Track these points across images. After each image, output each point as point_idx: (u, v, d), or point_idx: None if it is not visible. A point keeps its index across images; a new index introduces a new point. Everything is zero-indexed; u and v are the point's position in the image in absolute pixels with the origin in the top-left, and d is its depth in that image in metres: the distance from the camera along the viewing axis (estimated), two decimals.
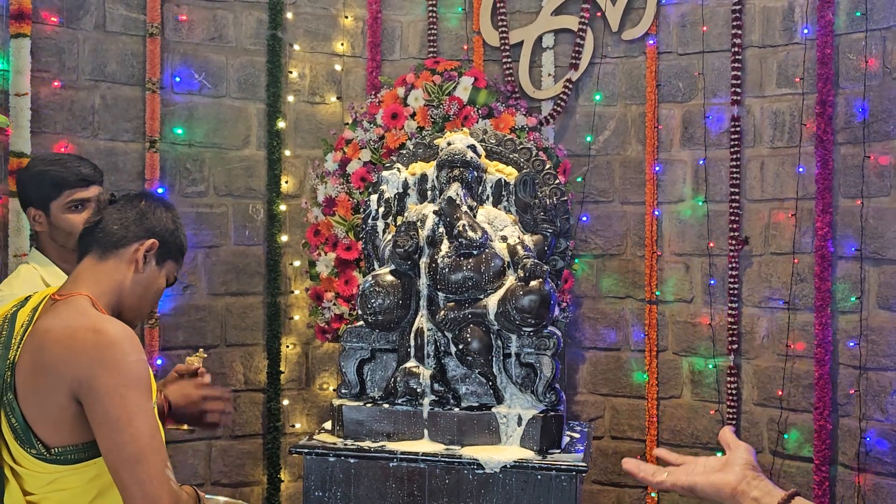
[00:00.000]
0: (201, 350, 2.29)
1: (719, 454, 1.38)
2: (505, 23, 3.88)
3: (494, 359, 2.34)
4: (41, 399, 1.56)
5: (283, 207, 3.89)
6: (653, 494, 3.77)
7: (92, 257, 1.71)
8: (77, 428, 1.56)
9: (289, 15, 3.91)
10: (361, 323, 2.44)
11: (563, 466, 2.20)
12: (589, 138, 3.87)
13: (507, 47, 3.87)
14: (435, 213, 2.40)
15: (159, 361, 3.63)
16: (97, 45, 3.58)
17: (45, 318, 1.61)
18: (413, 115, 3.57)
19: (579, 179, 3.85)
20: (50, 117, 3.46)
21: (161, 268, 1.78)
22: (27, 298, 1.71)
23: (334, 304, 3.59)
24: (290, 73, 3.93)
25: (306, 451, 2.30)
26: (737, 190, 3.63)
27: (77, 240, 1.78)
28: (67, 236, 2.31)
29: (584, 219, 3.87)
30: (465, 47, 3.95)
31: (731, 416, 3.61)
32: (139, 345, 1.62)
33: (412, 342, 2.37)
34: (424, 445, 2.30)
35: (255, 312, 3.90)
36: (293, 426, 3.95)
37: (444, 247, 2.37)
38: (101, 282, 1.67)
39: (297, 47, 3.94)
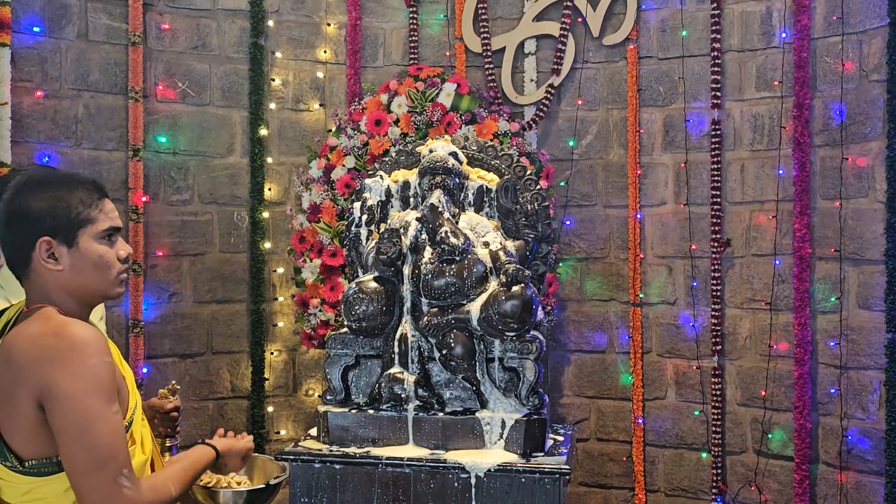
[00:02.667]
0: (174, 383, 2.26)
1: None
2: (487, 29, 3.90)
3: (478, 363, 2.36)
4: (11, 411, 1.55)
5: (265, 215, 3.90)
6: (640, 496, 3.80)
7: (23, 282, 1.67)
8: (48, 439, 1.55)
9: (270, 23, 3.92)
10: (346, 329, 2.45)
11: (546, 469, 2.22)
12: (571, 143, 3.90)
13: (489, 53, 3.90)
14: (417, 219, 2.42)
15: (145, 370, 3.63)
16: (80, 55, 3.58)
17: (14, 330, 1.60)
18: (396, 122, 3.59)
19: (563, 184, 3.88)
20: (33, 127, 3.46)
21: (75, 246, 1.61)
22: (1, 312, 1.71)
23: (320, 311, 3.59)
24: (273, 80, 3.95)
25: (292, 457, 2.31)
26: (718, 192, 3.67)
27: None
28: None
29: (568, 223, 3.90)
30: (448, 53, 3.98)
31: (715, 417, 3.64)
32: (104, 346, 1.57)
33: (396, 348, 2.39)
34: (409, 451, 2.31)
35: (240, 320, 3.91)
36: (278, 433, 3.96)
37: (427, 253, 2.39)
38: (45, 293, 1.63)
39: (279, 55, 3.95)
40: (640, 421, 3.79)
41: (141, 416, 1.77)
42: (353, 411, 2.38)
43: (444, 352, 2.34)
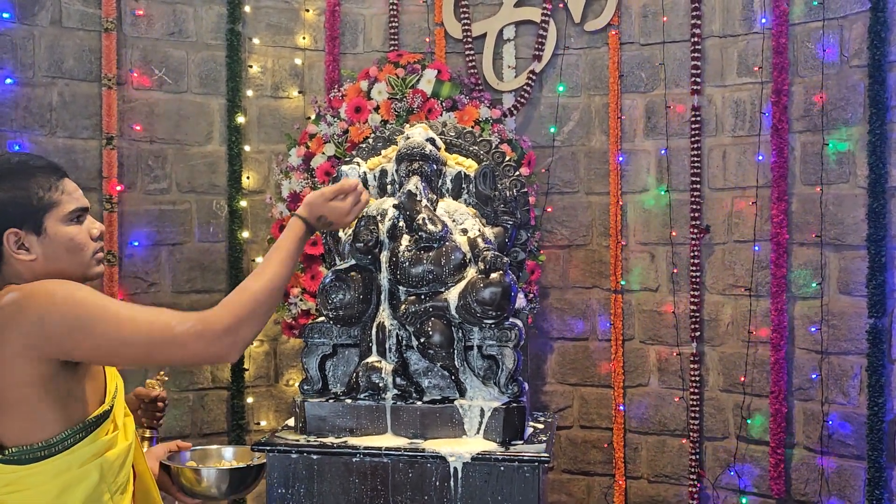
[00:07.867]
0: (162, 373, 2.22)
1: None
2: (467, 15, 3.87)
3: (456, 352, 2.34)
4: None
5: (243, 203, 3.86)
6: (620, 482, 3.80)
7: None
8: (34, 423, 1.51)
9: (247, 9, 3.87)
10: (323, 318, 2.42)
11: (525, 458, 2.20)
12: (553, 129, 3.88)
13: (469, 39, 3.86)
14: (395, 206, 2.39)
15: None
16: (53, 41, 3.52)
17: None
18: (377, 109, 3.56)
19: (544, 171, 3.86)
20: (6, 115, 3.41)
21: (44, 233, 1.58)
22: None
23: (301, 300, 3.57)
24: (251, 67, 3.90)
25: (268, 448, 2.28)
26: (698, 179, 3.66)
27: None
28: None
29: (550, 210, 3.88)
30: (428, 40, 3.94)
31: (694, 403, 3.64)
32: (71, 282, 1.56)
33: (374, 337, 2.36)
34: (387, 440, 2.29)
35: None
36: (258, 423, 3.93)
37: (405, 241, 2.36)
38: (18, 282, 1.61)
39: (256, 41, 3.90)
40: (622, 408, 3.79)
41: (123, 404, 1.74)
42: (331, 401, 2.36)
43: (422, 340, 2.32)
